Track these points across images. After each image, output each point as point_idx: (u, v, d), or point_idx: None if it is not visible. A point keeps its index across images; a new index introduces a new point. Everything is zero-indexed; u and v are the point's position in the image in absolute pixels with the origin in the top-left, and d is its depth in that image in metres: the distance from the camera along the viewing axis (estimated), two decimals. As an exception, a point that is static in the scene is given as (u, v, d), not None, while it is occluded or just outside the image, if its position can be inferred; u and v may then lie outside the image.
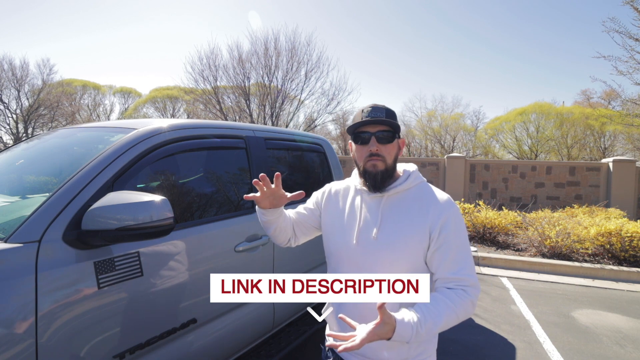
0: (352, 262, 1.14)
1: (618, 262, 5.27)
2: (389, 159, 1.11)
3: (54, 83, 22.02)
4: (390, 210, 1.12)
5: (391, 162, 1.12)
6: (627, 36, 7.91)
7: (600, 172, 9.22)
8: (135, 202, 1.25)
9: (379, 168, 1.11)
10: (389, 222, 1.11)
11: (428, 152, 28.02)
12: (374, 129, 1.10)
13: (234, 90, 14.34)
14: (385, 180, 1.12)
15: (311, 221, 1.31)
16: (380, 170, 1.11)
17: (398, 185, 1.13)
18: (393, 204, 1.13)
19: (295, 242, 1.34)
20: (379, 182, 1.11)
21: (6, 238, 1.18)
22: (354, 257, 1.13)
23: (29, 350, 1.11)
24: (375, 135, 1.10)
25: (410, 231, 1.08)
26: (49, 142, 2.06)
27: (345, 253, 1.15)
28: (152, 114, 29.72)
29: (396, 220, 1.10)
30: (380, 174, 1.11)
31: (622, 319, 3.68)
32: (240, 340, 1.92)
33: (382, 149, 1.10)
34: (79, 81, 28.93)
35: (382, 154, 1.10)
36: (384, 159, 1.11)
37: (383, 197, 1.13)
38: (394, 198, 1.14)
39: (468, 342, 3.11)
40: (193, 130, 1.88)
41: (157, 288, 1.50)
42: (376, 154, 1.10)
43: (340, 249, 1.17)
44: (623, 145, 20.85)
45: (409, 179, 1.15)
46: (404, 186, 1.13)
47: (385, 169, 1.11)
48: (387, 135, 1.10)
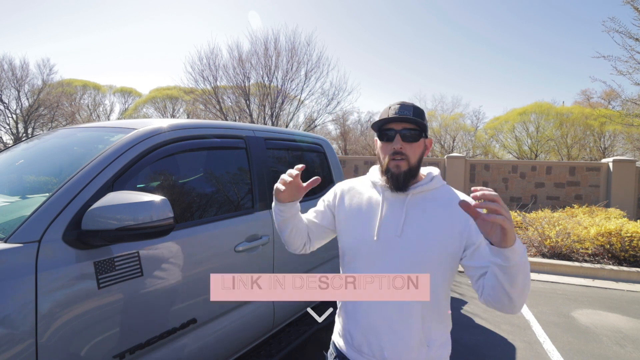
0: (370, 259, 1.10)
1: (618, 262, 5.27)
2: (412, 158, 1.08)
3: (54, 83, 22.02)
4: (415, 208, 1.10)
5: (415, 162, 1.09)
6: (627, 36, 7.91)
7: (600, 172, 9.22)
8: (135, 202, 1.25)
9: (402, 169, 1.07)
10: (414, 220, 1.08)
11: (428, 152, 27.96)
12: (400, 127, 1.07)
13: (234, 90, 14.33)
14: (408, 181, 1.09)
15: (325, 222, 1.26)
16: (404, 171, 1.07)
17: (423, 185, 1.11)
18: (417, 202, 1.10)
19: (310, 247, 1.30)
20: (401, 182, 1.08)
21: (6, 238, 1.18)
22: (373, 253, 1.09)
23: (29, 350, 1.11)
24: (400, 133, 1.07)
25: (437, 230, 1.06)
26: (49, 142, 2.06)
27: (363, 249, 1.11)
28: (152, 114, 29.71)
29: (422, 219, 1.08)
30: (403, 174, 1.08)
31: (622, 319, 3.68)
32: (240, 340, 1.92)
33: (407, 147, 1.07)
34: (79, 81, 28.92)
35: (406, 152, 1.07)
36: (407, 159, 1.08)
37: (407, 195, 1.11)
38: (418, 197, 1.11)
39: (468, 342, 3.11)
40: (193, 130, 1.88)
41: (157, 288, 1.50)
42: (400, 152, 1.07)
43: (358, 244, 1.12)
44: (623, 145, 20.85)
45: (433, 180, 1.13)
46: (429, 186, 1.11)
47: (408, 169, 1.08)
48: (413, 133, 1.07)
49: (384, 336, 1.07)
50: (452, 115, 27.76)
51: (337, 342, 1.23)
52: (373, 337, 1.09)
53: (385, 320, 1.07)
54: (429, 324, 1.07)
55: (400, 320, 1.05)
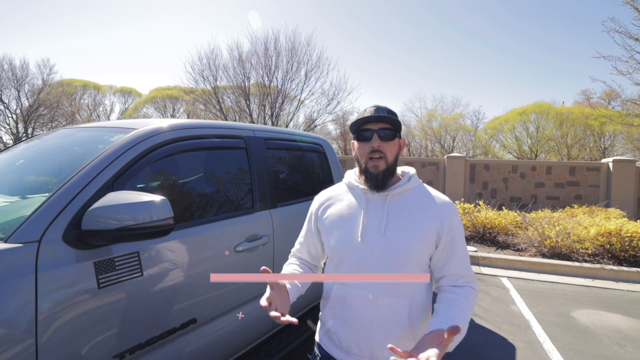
0: (356, 261, 1.12)
1: (618, 262, 5.27)
2: (390, 156, 1.12)
3: (54, 83, 22.02)
4: (396, 208, 1.13)
5: (392, 161, 1.13)
6: (627, 36, 7.91)
7: (600, 172, 9.22)
8: (135, 202, 1.25)
9: (380, 169, 1.12)
10: (396, 219, 1.11)
11: (428, 152, 28.02)
12: (376, 127, 1.12)
13: (234, 90, 14.33)
14: (386, 180, 1.13)
15: (317, 242, 1.29)
16: (382, 170, 1.12)
17: (402, 185, 1.15)
18: (398, 202, 1.14)
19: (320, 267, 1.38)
20: (380, 181, 1.12)
21: (6, 238, 1.18)
22: (359, 255, 1.12)
23: (29, 350, 1.11)
24: (377, 132, 1.11)
25: (418, 229, 1.10)
26: (49, 142, 2.06)
27: (349, 252, 1.13)
28: (152, 114, 29.71)
29: (403, 218, 1.11)
30: (382, 173, 1.12)
31: (622, 319, 3.68)
32: (240, 340, 1.92)
33: (384, 146, 1.11)
34: (79, 81, 28.93)
35: (383, 151, 1.11)
36: (385, 157, 1.12)
37: (388, 195, 1.14)
38: (398, 197, 1.14)
39: (468, 342, 3.10)
40: (193, 130, 1.88)
41: (157, 288, 1.50)
42: (378, 150, 1.11)
43: (344, 248, 1.15)
44: (623, 145, 20.85)
45: (411, 179, 1.17)
46: (408, 186, 1.15)
47: (386, 168, 1.12)
48: (389, 133, 1.12)
49: (373, 336, 1.10)
50: (452, 115, 27.75)
51: (322, 344, 1.23)
52: (362, 338, 1.11)
53: (375, 321, 1.10)
54: (416, 320, 1.10)
55: (389, 320, 1.09)
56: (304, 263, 1.32)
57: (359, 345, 1.12)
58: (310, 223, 1.31)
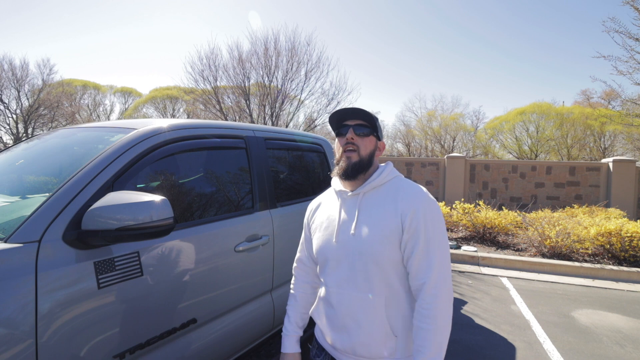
0: (334, 261, 1.16)
1: (618, 262, 5.27)
2: (363, 151, 1.16)
3: (54, 83, 22.00)
4: (366, 205, 1.15)
5: (365, 155, 1.16)
6: (627, 36, 7.91)
7: (600, 172, 9.22)
8: (135, 202, 1.25)
9: (353, 160, 1.15)
10: (364, 216, 1.13)
11: (428, 152, 28.02)
12: (353, 123, 1.18)
13: (234, 90, 14.33)
14: (357, 171, 1.15)
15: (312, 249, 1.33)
16: (353, 162, 1.15)
17: (372, 181, 1.16)
18: (369, 200, 1.15)
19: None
20: (349, 172, 1.15)
21: (6, 238, 1.18)
22: (336, 255, 1.15)
23: (29, 350, 1.11)
24: (352, 127, 1.17)
25: (383, 224, 1.09)
26: (49, 142, 2.06)
27: (328, 253, 1.18)
28: (152, 114, 29.71)
29: (371, 214, 1.12)
30: (352, 164, 1.15)
31: (622, 319, 3.68)
32: (240, 340, 1.92)
33: (358, 140, 1.16)
34: (79, 81, 28.92)
35: (357, 144, 1.16)
36: (358, 150, 1.16)
37: (359, 194, 1.17)
38: (370, 194, 1.16)
39: (468, 342, 3.11)
40: (193, 130, 1.88)
41: (157, 288, 1.50)
42: (352, 142, 1.16)
43: (323, 249, 1.20)
44: (623, 145, 20.84)
45: (382, 173, 1.17)
46: (378, 181, 1.16)
47: (359, 160, 1.15)
48: (364, 130, 1.17)
49: (354, 333, 1.11)
50: (452, 115, 27.76)
51: (317, 337, 1.30)
52: (345, 335, 1.14)
53: (354, 318, 1.11)
54: (393, 315, 1.10)
55: (366, 316, 1.09)
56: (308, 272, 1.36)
57: (342, 342, 1.15)
58: (305, 230, 1.37)
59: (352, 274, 1.11)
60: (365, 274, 1.09)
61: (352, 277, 1.11)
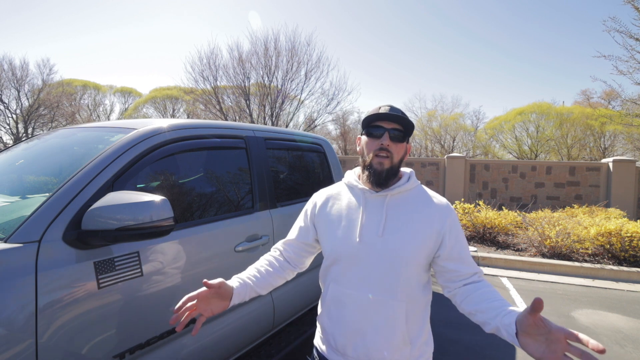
0: (351, 260, 1.12)
1: (618, 262, 5.27)
2: (396, 157, 1.13)
3: (54, 83, 22.01)
4: (395, 208, 1.12)
5: (397, 162, 1.13)
6: (627, 36, 7.92)
7: (600, 172, 9.22)
8: (135, 202, 1.25)
9: (385, 167, 1.11)
10: (395, 220, 1.11)
11: (428, 152, 28.02)
12: (389, 126, 1.12)
13: (234, 90, 14.34)
14: (389, 178, 1.13)
15: (309, 238, 1.29)
16: (386, 169, 1.11)
17: (401, 185, 1.14)
18: (397, 203, 1.13)
19: (301, 268, 1.35)
20: (383, 179, 1.12)
21: (6, 238, 1.18)
22: (355, 254, 1.11)
23: (29, 350, 1.11)
24: (389, 131, 1.12)
25: (417, 230, 1.09)
26: (49, 142, 2.06)
27: (346, 251, 1.13)
28: (152, 114, 29.71)
29: (401, 219, 1.10)
30: (386, 171, 1.12)
31: (622, 319, 3.68)
32: (240, 340, 1.92)
33: (393, 146, 1.12)
34: (79, 81, 28.93)
35: (391, 150, 1.11)
36: (391, 157, 1.12)
37: (387, 195, 1.13)
38: (397, 197, 1.14)
39: (468, 342, 3.10)
40: (193, 130, 1.88)
41: (157, 288, 1.50)
42: (386, 149, 1.11)
43: (340, 247, 1.14)
44: (623, 145, 20.84)
45: (410, 180, 1.17)
46: (407, 186, 1.15)
47: (390, 167, 1.12)
48: (399, 134, 1.12)
49: (369, 338, 1.08)
50: (452, 115, 27.76)
51: (319, 347, 1.23)
52: (359, 340, 1.10)
53: (371, 322, 1.08)
54: (412, 323, 1.10)
55: (386, 321, 1.07)
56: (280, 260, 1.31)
57: (355, 347, 1.10)
58: (306, 219, 1.30)
59: (372, 276, 1.08)
60: (391, 277, 1.07)
61: (373, 279, 1.08)
